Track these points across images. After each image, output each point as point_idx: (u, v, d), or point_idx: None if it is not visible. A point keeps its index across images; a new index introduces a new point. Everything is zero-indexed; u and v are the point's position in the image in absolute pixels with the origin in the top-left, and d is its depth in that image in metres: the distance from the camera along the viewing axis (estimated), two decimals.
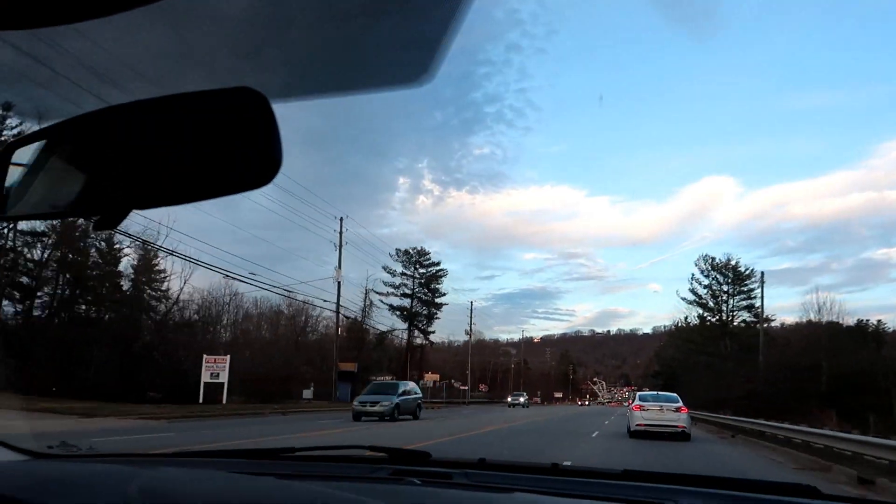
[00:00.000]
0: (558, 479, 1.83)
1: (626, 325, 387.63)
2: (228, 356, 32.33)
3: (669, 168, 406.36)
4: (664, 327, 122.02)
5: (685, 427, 19.25)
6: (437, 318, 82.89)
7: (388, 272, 79.65)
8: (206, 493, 1.20)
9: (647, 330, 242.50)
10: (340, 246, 50.24)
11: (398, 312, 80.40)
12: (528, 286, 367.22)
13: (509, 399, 78.63)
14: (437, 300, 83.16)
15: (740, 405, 48.09)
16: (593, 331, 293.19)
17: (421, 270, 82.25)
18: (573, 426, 27.02)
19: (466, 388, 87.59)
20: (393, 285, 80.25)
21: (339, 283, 50.56)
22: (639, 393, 23.54)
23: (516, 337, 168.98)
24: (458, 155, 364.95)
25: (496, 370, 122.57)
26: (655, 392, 25.10)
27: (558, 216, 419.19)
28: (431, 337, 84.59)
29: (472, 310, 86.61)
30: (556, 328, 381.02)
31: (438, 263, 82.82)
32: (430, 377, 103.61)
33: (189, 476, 1.39)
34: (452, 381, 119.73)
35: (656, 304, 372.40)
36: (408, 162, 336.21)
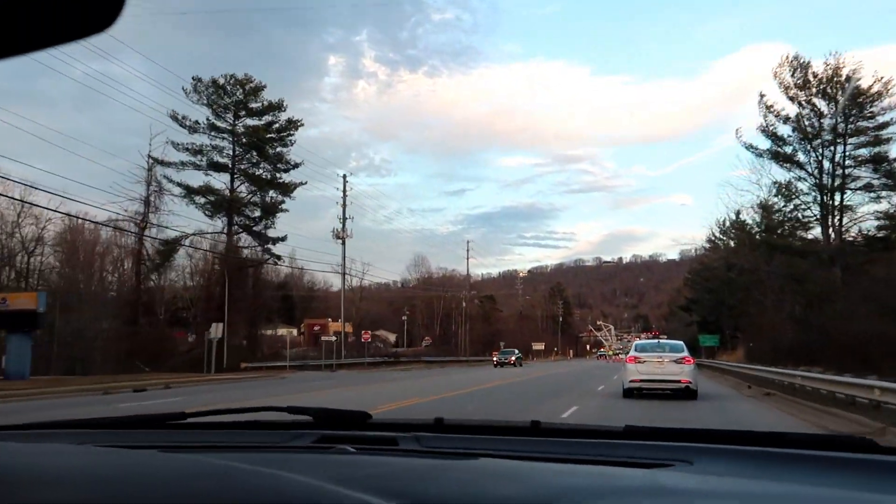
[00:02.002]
0: (540, 440, 1.67)
1: (644, 251, 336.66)
2: None
3: (701, 35, 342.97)
4: (696, 251, 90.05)
5: (689, 382, 18.10)
6: (282, 209, 49.71)
7: (181, 124, 46.08)
8: (57, 470, 0.98)
9: (673, 255, 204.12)
10: None
11: (203, 200, 47.11)
12: (511, 202, 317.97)
13: None
14: (282, 178, 49.84)
15: None
16: (600, 259, 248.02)
17: (248, 122, 48.65)
18: None
19: (346, 339, 55.45)
20: (192, 149, 46.75)
21: None
22: (636, 342, 22.66)
23: (495, 271, 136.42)
24: (412, 22, 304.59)
25: (450, 314, 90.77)
26: (657, 340, 24.18)
27: (551, 105, 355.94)
28: (279, 249, 51.44)
29: (344, 191, 53.13)
30: (550, 257, 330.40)
31: (281, 107, 48.96)
32: (334, 328, 72.77)
33: (38, 451, 1.15)
34: (379, 332, 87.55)
35: (684, 221, 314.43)
36: (342, 34, 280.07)
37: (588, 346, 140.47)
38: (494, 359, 59.04)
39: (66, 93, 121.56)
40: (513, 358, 58.17)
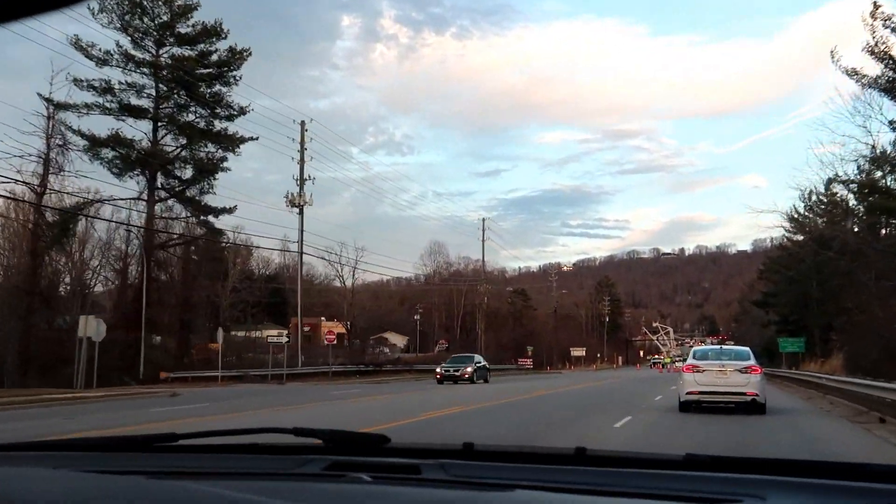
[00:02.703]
0: (587, 469, 1.59)
1: (710, 241, 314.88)
2: None
3: None
4: (773, 240, 78.74)
5: (756, 394, 16.93)
6: (223, 168, 40.39)
7: (87, 54, 37.06)
8: (29, 497, 0.94)
9: (744, 246, 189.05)
10: None
11: (112, 154, 37.98)
12: (553, 185, 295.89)
13: None
14: (220, 125, 40.48)
15: None
16: (658, 251, 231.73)
17: (174, 50, 39.43)
18: None
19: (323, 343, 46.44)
20: (100, 87, 37.68)
21: None
22: (695, 348, 21.65)
23: (535, 265, 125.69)
24: None
25: (473, 312, 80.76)
26: (719, 346, 22.71)
27: (600, 72, 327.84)
28: (222, 221, 42.15)
29: (302, 141, 43.66)
30: (599, 249, 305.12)
31: (220, 32, 39.55)
32: (330, 328, 65.69)
33: (6, 476, 1.09)
34: (386, 335, 78.28)
35: (758, 206, 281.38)
36: None
37: (641, 353, 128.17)
38: (438, 371, 40.00)
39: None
40: (468, 369, 39.14)
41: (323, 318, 71.32)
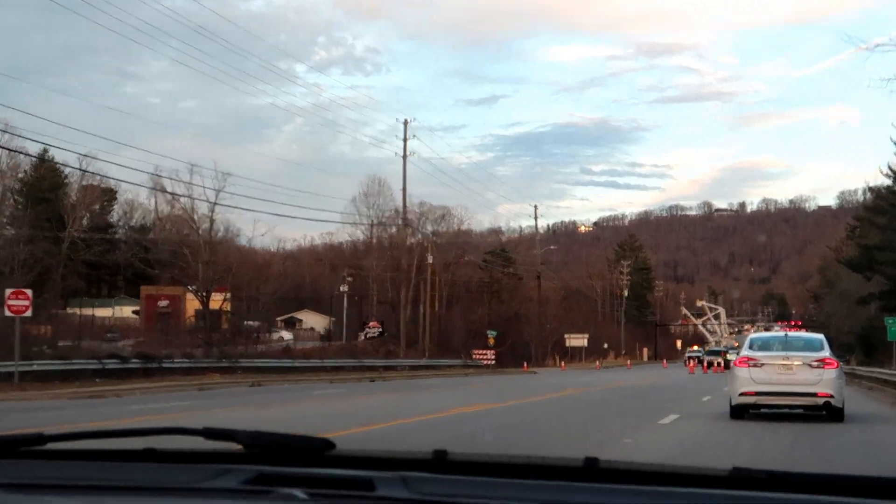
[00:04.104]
0: (599, 486, 1.44)
1: (781, 194, 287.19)
2: None
3: None
4: (866, 190, 64.78)
5: (830, 395, 15.76)
6: None
7: None
8: None
9: (827, 201, 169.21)
10: None
11: None
12: (569, 118, 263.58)
13: None
14: None
15: None
16: (709, 206, 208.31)
17: None
18: None
19: None
20: None
21: None
22: (752, 335, 20.51)
23: (544, 223, 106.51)
24: None
25: (421, 281, 63.19)
26: (783, 332, 21.88)
27: None
28: None
29: None
30: (631, 204, 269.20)
31: None
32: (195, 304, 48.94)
33: None
34: (301, 314, 61.55)
35: (845, 148, 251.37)
36: None
37: (679, 344, 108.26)
38: None
39: None
40: None
41: (189, 288, 53.47)
